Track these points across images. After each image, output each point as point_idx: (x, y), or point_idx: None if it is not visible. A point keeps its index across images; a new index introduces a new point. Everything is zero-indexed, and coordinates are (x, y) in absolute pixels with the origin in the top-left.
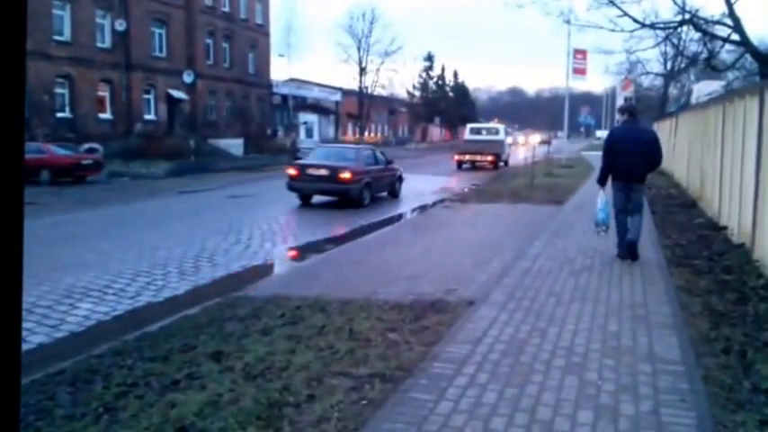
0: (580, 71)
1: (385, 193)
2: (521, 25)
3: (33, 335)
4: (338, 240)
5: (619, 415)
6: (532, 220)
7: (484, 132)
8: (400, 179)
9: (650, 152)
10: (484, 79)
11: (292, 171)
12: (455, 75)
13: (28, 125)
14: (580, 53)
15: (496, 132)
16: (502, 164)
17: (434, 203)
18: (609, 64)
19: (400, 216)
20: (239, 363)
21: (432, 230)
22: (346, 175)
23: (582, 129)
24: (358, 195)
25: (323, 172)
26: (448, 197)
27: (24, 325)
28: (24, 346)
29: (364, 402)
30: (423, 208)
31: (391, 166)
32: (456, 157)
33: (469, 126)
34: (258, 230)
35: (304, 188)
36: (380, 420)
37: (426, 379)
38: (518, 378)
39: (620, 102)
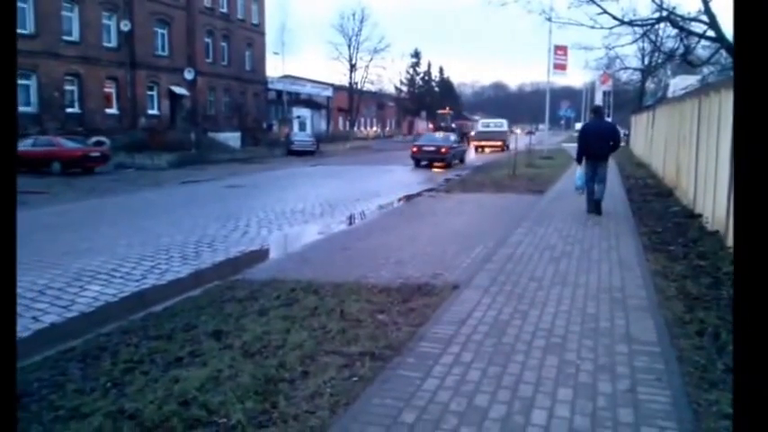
0: (561, 66)
1: (458, 161)
2: (504, 22)
3: (46, 315)
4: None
5: (597, 393)
6: (514, 208)
7: (492, 125)
8: (465, 152)
9: (612, 138)
10: (468, 74)
11: (414, 149)
12: (441, 70)
13: (40, 120)
14: (561, 49)
15: (501, 125)
16: (506, 148)
17: (421, 192)
18: (588, 59)
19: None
20: (238, 341)
21: (417, 218)
22: (445, 149)
23: (562, 121)
24: (449, 161)
25: (432, 148)
26: (434, 186)
27: (37, 306)
28: (37, 326)
29: (355, 379)
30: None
31: (462, 144)
32: (474, 144)
33: (481, 121)
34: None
35: (421, 157)
36: (370, 396)
37: (414, 357)
38: (501, 357)
39: (598, 95)
